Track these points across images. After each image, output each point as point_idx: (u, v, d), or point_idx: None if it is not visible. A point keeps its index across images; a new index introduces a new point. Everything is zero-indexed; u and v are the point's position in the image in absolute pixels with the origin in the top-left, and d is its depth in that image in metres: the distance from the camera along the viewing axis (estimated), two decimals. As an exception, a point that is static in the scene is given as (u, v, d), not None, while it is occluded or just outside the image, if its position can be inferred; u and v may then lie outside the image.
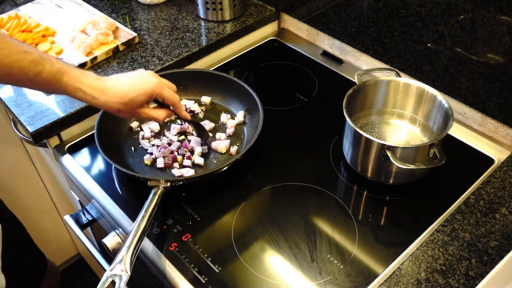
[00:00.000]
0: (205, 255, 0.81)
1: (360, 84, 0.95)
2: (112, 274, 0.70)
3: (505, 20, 0.87)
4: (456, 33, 0.96)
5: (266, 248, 0.82)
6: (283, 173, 0.94)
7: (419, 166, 0.82)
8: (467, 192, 0.90)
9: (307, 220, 0.86)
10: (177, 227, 0.85)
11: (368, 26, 1.13)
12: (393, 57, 1.12)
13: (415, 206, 0.88)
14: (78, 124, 1.05)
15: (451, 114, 0.86)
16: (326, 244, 0.82)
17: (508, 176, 0.89)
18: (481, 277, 0.74)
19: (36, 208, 1.55)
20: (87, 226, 1.08)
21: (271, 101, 1.09)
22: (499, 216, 0.83)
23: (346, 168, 0.96)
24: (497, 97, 0.96)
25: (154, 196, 0.82)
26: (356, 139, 0.89)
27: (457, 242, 0.79)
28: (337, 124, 0.98)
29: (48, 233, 1.62)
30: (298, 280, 0.77)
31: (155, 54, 1.17)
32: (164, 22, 1.28)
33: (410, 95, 0.96)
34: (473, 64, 0.96)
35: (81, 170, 0.97)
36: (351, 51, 1.21)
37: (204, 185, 0.92)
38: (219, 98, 1.09)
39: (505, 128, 0.97)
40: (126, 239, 0.75)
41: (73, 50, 1.15)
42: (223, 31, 1.25)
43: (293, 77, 1.20)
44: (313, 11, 1.26)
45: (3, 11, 1.31)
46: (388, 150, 0.83)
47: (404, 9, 1.03)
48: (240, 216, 0.87)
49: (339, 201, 0.90)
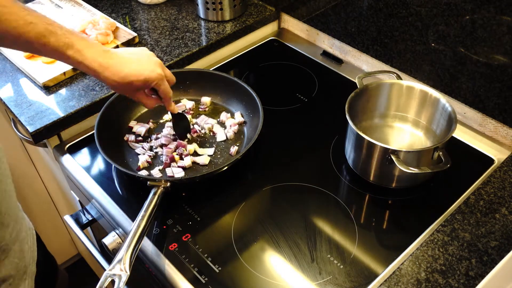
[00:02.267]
0: (205, 255, 0.81)
1: (362, 87, 0.94)
2: (112, 273, 0.69)
3: (505, 20, 0.87)
4: (456, 33, 0.96)
5: (266, 248, 0.82)
6: (283, 173, 0.94)
7: (424, 170, 0.81)
8: (467, 192, 0.90)
9: (307, 220, 0.86)
10: (177, 227, 0.85)
11: (368, 26, 1.13)
12: (393, 57, 1.12)
13: (415, 206, 0.88)
14: (78, 124, 1.05)
15: (454, 117, 0.86)
16: (326, 244, 0.82)
17: (508, 176, 0.89)
18: (481, 277, 0.74)
19: (36, 208, 1.55)
20: (87, 226, 1.08)
21: (271, 101, 1.09)
22: (499, 216, 0.83)
23: (347, 169, 0.95)
24: (497, 97, 0.96)
25: (154, 196, 0.82)
26: (359, 142, 0.88)
27: (457, 242, 0.79)
28: (337, 124, 0.98)
29: (48, 233, 1.62)
30: (298, 280, 0.77)
31: (155, 54, 1.17)
32: (164, 22, 1.28)
33: (413, 98, 0.95)
34: (473, 64, 0.96)
35: (81, 170, 0.97)
36: (351, 51, 1.21)
37: (204, 185, 0.92)
38: (219, 98, 1.09)
39: (505, 128, 0.97)
40: (125, 239, 0.75)
41: (73, 50, 1.15)
42: (223, 31, 1.25)
43: (293, 77, 1.20)
44: (313, 11, 1.26)
45: (3, 11, 1.31)
46: (393, 154, 0.82)
47: (404, 9, 1.03)
48: (240, 216, 0.87)
49: (340, 201, 0.90)
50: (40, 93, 1.07)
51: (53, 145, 1.04)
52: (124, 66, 0.82)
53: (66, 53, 0.77)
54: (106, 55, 0.80)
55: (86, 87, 1.08)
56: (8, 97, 1.06)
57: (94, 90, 1.07)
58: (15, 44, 0.75)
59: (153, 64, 0.86)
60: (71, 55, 0.77)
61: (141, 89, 0.86)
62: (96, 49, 0.80)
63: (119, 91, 0.87)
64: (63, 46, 0.76)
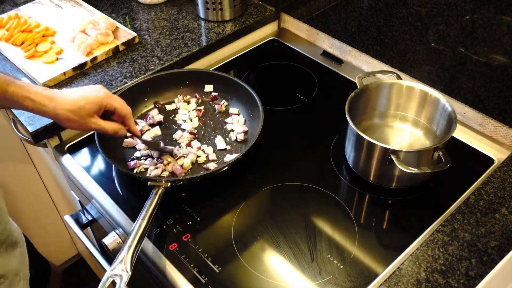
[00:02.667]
0: (205, 255, 0.81)
1: (362, 87, 0.94)
2: (113, 274, 0.70)
3: (505, 20, 0.87)
4: (456, 33, 0.96)
5: (266, 248, 0.82)
6: (283, 173, 0.94)
7: (424, 170, 0.81)
8: (467, 192, 0.90)
9: (307, 220, 0.86)
10: (177, 227, 0.85)
11: (368, 26, 1.13)
12: (393, 57, 1.12)
13: (415, 206, 0.88)
14: (78, 124, 1.05)
15: (454, 117, 0.86)
16: (326, 244, 0.82)
17: (508, 176, 0.89)
18: (481, 277, 0.74)
19: (36, 208, 1.55)
20: (87, 226, 1.08)
21: (271, 101, 1.09)
22: (499, 216, 0.83)
23: (347, 169, 0.95)
24: (497, 97, 0.96)
25: (154, 196, 0.82)
26: (359, 142, 0.88)
27: (457, 242, 0.79)
28: (337, 124, 0.98)
29: (48, 233, 1.62)
30: (298, 280, 0.77)
31: (155, 54, 1.17)
32: (164, 22, 1.28)
33: (413, 98, 0.95)
34: (473, 64, 0.96)
35: (81, 170, 0.97)
36: (351, 51, 1.21)
37: (205, 185, 0.92)
38: (219, 98, 1.09)
39: (505, 128, 0.97)
40: (126, 239, 0.75)
41: (73, 50, 1.15)
42: (223, 31, 1.25)
43: (293, 77, 1.20)
44: (313, 11, 1.26)
45: (3, 11, 1.31)
46: (393, 154, 0.82)
47: (404, 9, 1.03)
48: (240, 216, 0.87)
49: (339, 201, 0.90)
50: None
51: (53, 145, 1.04)
52: (69, 94, 0.81)
53: (8, 90, 0.75)
54: (49, 90, 0.80)
55: (86, 87, 1.08)
56: (8, 97, 1.06)
57: (94, 90, 1.07)
58: None
59: (97, 87, 0.84)
60: (13, 90, 0.75)
61: (94, 112, 0.82)
62: (38, 86, 0.79)
63: (73, 123, 0.81)
64: (4, 84, 0.75)
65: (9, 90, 0.75)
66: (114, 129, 0.86)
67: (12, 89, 0.75)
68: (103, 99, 0.82)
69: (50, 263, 1.32)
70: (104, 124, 0.84)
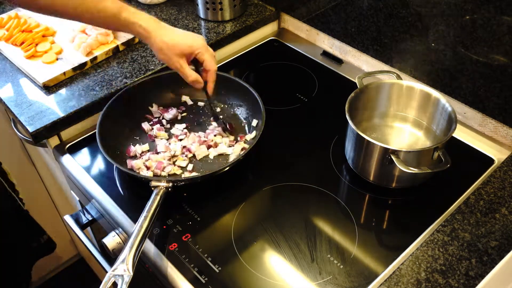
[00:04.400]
0: (205, 255, 0.81)
1: (362, 87, 0.94)
2: (115, 274, 0.70)
3: (505, 20, 0.87)
4: (456, 33, 0.96)
5: (266, 248, 0.82)
6: (283, 173, 0.94)
7: (424, 170, 0.81)
8: (467, 192, 0.90)
9: (307, 220, 0.86)
10: (177, 227, 0.85)
11: (368, 26, 1.13)
12: (393, 57, 1.12)
13: (415, 206, 0.89)
14: (78, 124, 1.05)
15: (454, 117, 0.86)
16: (326, 244, 0.82)
17: (508, 176, 0.89)
18: (481, 277, 0.75)
19: (36, 208, 1.54)
20: (87, 226, 1.08)
21: (271, 101, 1.09)
22: (499, 216, 0.83)
23: (347, 169, 0.95)
24: (497, 97, 0.96)
25: (156, 196, 0.82)
26: (359, 143, 0.88)
27: (457, 242, 0.79)
28: (337, 124, 0.98)
29: (48, 233, 1.62)
30: (298, 280, 0.77)
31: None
32: (164, 22, 1.28)
33: (413, 98, 0.95)
34: (473, 64, 0.96)
35: (81, 170, 0.97)
36: (351, 51, 1.21)
37: (205, 185, 0.92)
38: (219, 98, 1.09)
39: (505, 128, 0.97)
40: (127, 239, 0.75)
41: (73, 50, 1.15)
42: (223, 31, 1.25)
43: (293, 77, 1.20)
44: (313, 11, 1.26)
45: (3, 11, 1.31)
46: (393, 154, 0.82)
47: (404, 9, 1.03)
48: (240, 216, 0.87)
49: (339, 201, 0.90)
50: (40, 93, 1.07)
51: (53, 145, 1.04)
52: (172, 32, 0.89)
53: (121, 15, 0.84)
54: (157, 20, 0.89)
55: (86, 87, 1.08)
56: (8, 97, 1.06)
57: (94, 90, 1.07)
58: (76, 15, 0.85)
59: (199, 36, 0.92)
60: (126, 16, 0.85)
61: (184, 54, 0.89)
62: (146, 14, 0.88)
63: (163, 55, 0.89)
64: (119, 9, 0.85)
65: (122, 16, 0.86)
66: (194, 77, 0.92)
67: (125, 15, 0.85)
68: (197, 48, 0.90)
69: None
70: (187, 70, 0.91)
